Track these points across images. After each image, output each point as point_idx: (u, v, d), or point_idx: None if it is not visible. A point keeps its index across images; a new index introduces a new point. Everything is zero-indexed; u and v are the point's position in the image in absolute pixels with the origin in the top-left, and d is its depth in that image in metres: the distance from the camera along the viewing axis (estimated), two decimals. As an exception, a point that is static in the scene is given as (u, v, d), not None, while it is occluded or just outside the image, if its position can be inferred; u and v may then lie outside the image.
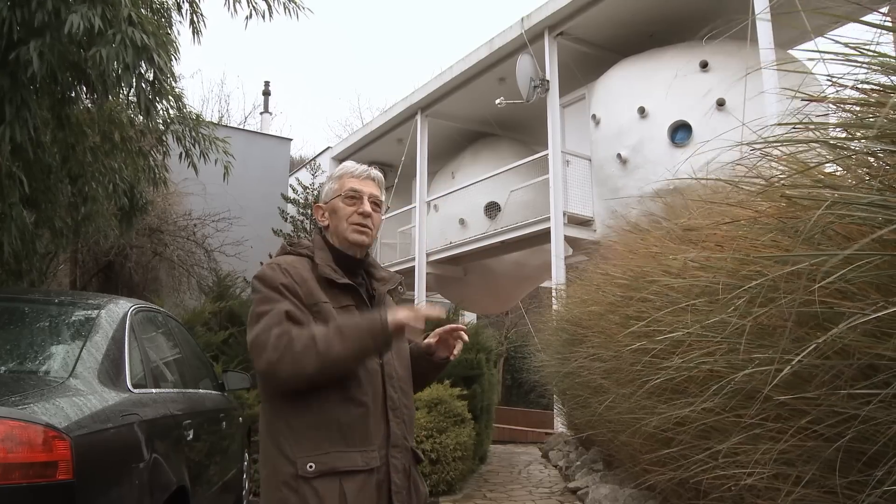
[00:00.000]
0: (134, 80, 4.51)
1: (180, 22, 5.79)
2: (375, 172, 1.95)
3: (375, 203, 1.90)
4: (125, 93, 5.00)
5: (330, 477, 1.65)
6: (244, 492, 5.07)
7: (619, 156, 9.78)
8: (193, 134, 6.00)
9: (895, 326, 1.39)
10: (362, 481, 1.67)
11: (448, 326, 1.91)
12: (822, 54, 1.54)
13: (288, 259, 1.84)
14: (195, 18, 5.75)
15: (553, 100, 10.89)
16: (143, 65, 4.57)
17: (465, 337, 1.91)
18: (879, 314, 1.33)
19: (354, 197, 1.88)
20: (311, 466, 1.65)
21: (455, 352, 1.90)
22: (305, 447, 1.67)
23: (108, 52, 4.20)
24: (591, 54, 11.04)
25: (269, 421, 1.75)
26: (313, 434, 1.68)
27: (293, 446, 1.68)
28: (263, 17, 5.70)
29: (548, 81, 10.79)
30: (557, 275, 9.88)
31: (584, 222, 10.61)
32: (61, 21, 4.12)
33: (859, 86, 1.52)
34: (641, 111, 9.55)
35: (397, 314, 1.68)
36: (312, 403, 1.69)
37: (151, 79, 4.71)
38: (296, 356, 1.62)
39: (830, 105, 1.64)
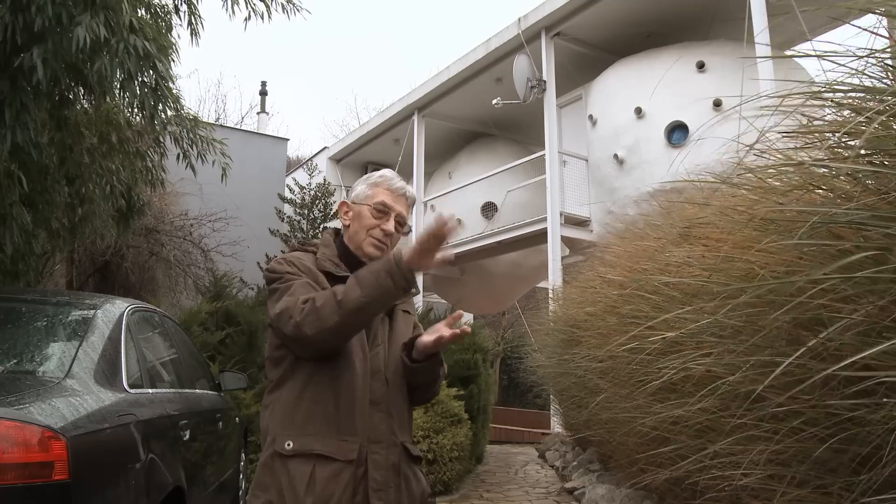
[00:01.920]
0: (137, 87, 4.53)
1: (179, 24, 5.79)
2: (410, 192, 1.96)
3: (400, 223, 1.91)
4: (127, 99, 5.00)
5: (304, 458, 1.66)
6: (241, 492, 5.06)
7: (615, 156, 9.79)
8: (191, 135, 5.99)
9: (886, 329, 1.40)
10: (336, 470, 1.65)
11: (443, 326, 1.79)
12: (819, 57, 1.55)
13: (295, 253, 1.89)
14: (193, 20, 5.74)
15: (550, 100, 10.90)
16: (146, 72, 4.58)
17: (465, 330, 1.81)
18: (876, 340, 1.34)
19: (383, 212, 1.88)
20: (289, 444, 1.67)
21: (445, 334, 1.73)
22: (290, 426, 1.70)
23: (113, 64, 4.23)
24: (588, 55, 11.06)
25: (265, 405, 1.80)
26: (300, 415, 1.71)
27: (279, 424, 1.72)
28: (262, 18, 5.68)
29: (544, 82, 10.80)
30: (554, 275, 9.90)
31: (581, 222, 10.63)
32: (63, 27, 4.12)
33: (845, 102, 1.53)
34: (638, 111, 9.57)
35: (411, 246, 1.65)
36: (305, 391, 1.72)
37: (154, 85, 4.72)
38: (318, 312, 1.63)
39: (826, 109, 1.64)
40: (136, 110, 4.97)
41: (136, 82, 4.46)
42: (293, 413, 1.72)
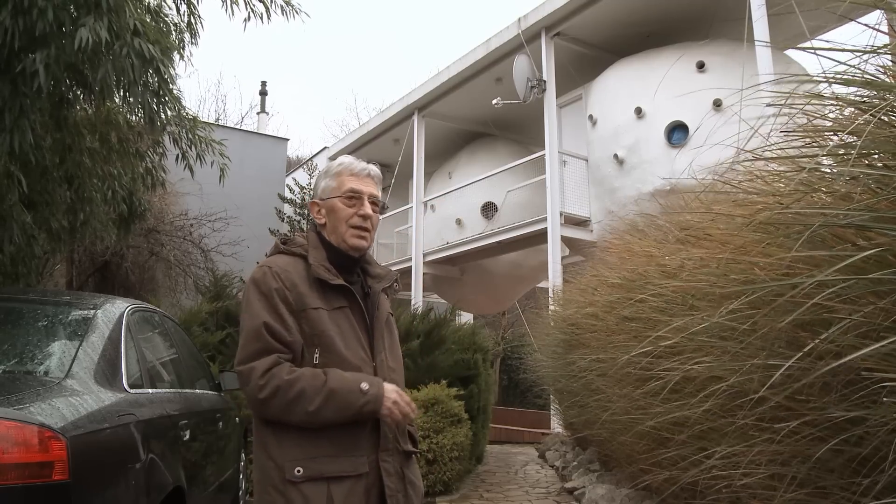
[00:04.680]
0: (140, 90, 4.54)
1: (181, 20, 5.79)
2: (375, 170, 1.92)
3: (374, 203, 1.88)
4: (129, 102, 5.02)
5: (317, 481, 1.65)
6: (241, 492, 5.06)
7: (615, 156, 9.79)
8: (190, 136, 5.99)
9: (885, 329, 1.40)
10: (351, 486, 1.67)
11: None
12: (819, 55, 1.54)
13: (280, 262, 1.82)
14: (192, 21, 5.75)
15: (550, 100, 10.90)
16: (149, 74, 4.59)
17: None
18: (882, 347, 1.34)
19: (354, 197, 1.85)
20: (298, 471, 1.65)
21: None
22: (292, 452, 1.67)
23: (116, 69, 4.25)
24: (588, 55, 11.06)
25: (257, 426, 1.76)
26: (300, 440, 1.68)
27: (280, 451, 1.69)
28: (261, 18, 5.69)
29: (544, 82, 10.80)
30: (554, 275, 9.89)
31: (581, 223, 10.62)
32: (64, 32, 4.12)
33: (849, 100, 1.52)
34: (638, 111, 9.56)
35: (389, 399, 1.71)
36: None
37: (157, 88, 4.73)
38: (285, 406, 1.65)
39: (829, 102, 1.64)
40: (138, 114, 4.98)
41: (138, 86, 4.47)
42: (292, 438, 1.69)
